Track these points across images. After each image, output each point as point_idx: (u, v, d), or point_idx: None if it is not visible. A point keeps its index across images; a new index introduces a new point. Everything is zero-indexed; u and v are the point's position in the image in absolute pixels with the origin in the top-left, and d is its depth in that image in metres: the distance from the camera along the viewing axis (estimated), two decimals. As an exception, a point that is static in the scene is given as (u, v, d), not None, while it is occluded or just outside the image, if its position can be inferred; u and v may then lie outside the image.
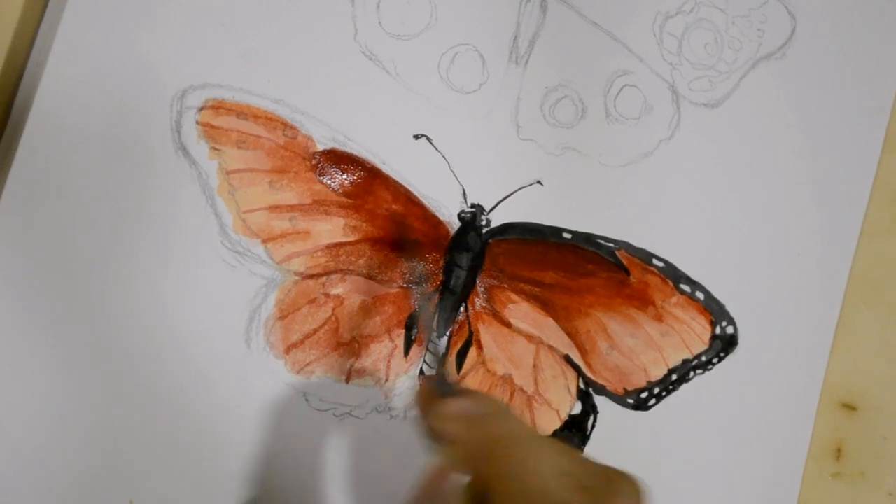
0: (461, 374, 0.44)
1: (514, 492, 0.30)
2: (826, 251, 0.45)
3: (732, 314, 0.45)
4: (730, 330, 0.45)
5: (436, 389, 0.35)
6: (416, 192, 0.43)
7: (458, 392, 0.34)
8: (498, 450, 0.31)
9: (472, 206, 0.44)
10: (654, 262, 0.44)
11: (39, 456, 0.40)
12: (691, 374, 0.45)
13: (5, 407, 0.40)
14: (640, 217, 0.45)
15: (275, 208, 0.42)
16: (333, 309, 0.43)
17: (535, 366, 0.44)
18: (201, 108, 0.41)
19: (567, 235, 0.44)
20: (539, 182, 0.44)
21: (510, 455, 0.31)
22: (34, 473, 0.40)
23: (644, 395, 0.44)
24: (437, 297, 0.44)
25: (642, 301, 0.44)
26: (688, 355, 0.45)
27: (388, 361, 0.43)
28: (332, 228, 0.43)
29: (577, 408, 0.44)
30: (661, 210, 0.45)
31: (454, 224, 0.44)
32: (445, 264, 0.44)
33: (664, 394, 0.44)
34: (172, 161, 0.41)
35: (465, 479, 0.32)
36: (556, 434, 0.44)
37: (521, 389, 0.44)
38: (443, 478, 0.33)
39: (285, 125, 0.42)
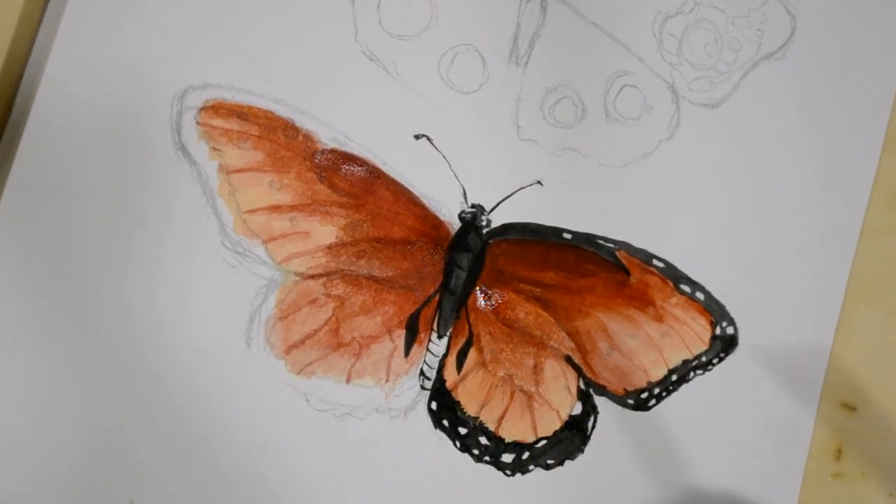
0: (461, 374, 0.44)
1: None
2: (826, 251, 0.45)
3: (733, 314, 0.45)
4: (730, 330, 0.45)
5: None
6: (416, 192, 0.43)
7: None
8: None
9: (473, 206, 0.44)
10: (654, 262, 0.44)
11: (39, 456, 0.40)
12: (691, 374, 0.45)
13: (5, 407, 0.40)
14: (640, 217, 0.45)
15: (275, 208, 0.42)
16: (334, 309, 0.43)
17: (535, 366, 0.44)
18: (201, 108, 0.41)
19: (567, 236, 0.44)
20: (539, 182, 0.44)
21: None
22: (34, 473, 0.40)
23: (644, 395, 0.44)
24: (437, 297, 0.44)
25: (642, 301, 0.44)
26: (688, 356, 0.45)
27: (389, 362, 0.43)
28: (333, 229, 0.43)
29: (578, 408, 0.44)
30: (661, 210, 0.45)
31: (454, 224, 0.44)
32: (446, 264, 0.44)
33: (664, 394, 0.44)
34: (172, 161, 0.41)
35: None
36: (556, 434, 0.44)
37: (522, 390, 0.44)
38: None
39: (286, 125, 0.42)
